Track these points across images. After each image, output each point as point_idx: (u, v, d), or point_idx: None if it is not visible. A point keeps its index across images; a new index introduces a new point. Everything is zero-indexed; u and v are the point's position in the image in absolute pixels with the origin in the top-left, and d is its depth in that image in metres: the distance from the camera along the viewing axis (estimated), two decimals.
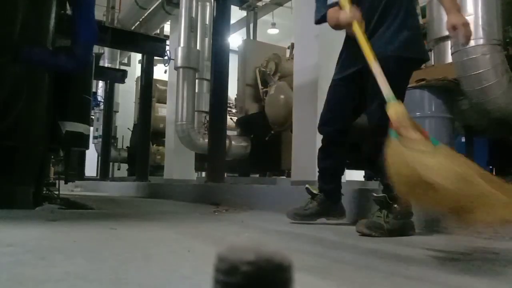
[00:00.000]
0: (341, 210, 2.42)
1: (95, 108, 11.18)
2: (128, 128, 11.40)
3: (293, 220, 2.38)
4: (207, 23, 7.15)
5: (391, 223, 1.96)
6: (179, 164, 7.27)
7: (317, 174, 2.47)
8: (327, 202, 2.36)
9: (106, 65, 10.45)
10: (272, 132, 6.64)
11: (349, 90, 2.25)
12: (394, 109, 1.58)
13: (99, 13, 8.38)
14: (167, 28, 9.22)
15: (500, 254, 1.53)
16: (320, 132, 2.36)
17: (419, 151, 1.32)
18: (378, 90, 1.79)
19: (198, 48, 7.07)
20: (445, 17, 4.08)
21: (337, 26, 2.15)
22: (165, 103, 8.64)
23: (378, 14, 2.10)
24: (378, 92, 1.79)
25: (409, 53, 2.07)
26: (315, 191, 2.40)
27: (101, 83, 11.25)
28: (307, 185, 2.47)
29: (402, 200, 1.97)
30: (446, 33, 3.88)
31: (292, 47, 6.93)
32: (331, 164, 2.36)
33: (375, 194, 2.11)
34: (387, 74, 1.84)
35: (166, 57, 7.48)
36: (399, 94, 1.93)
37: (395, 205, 2.00)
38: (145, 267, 1.08)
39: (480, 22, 3.12)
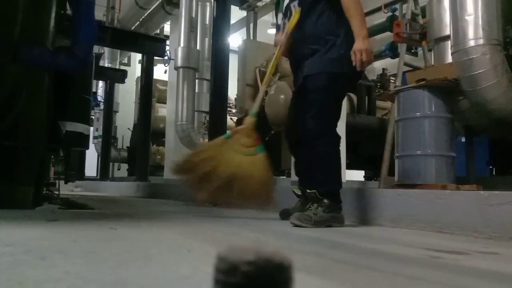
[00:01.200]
0: None
1: (95, 108, 11.18)
2: (128, 128, 11.40)
3: (281, 218, 2.59)
4: (207, 23, 7.16)
5: (319, 215, 2.20)
6: None
7: None
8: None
9: (106, 65, 10.46)
10: (272, 132, 6.64)
11: (300, 102, 2.48)
12: (245, 121, 2.25)
13: (99, 13, 8.37)
14: (167, 28, 9.22)
15: (500, 254, 1.53)
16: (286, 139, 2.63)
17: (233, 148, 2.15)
18: (307, 104, 2.28)
19: (198, 48, 7.07)
20: (445, 17, 4.08)
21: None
22: (165, 103, 8.64)
23: (311, 45, 2.35)
24: (308, 106, 2.27)
25: (336, 68, 2.29)
26: (298, 193, 2.61)
27: (101, 83, 11.25)
28: (293, 189, 2.72)
29: (333, 195, 2.30)
30: (446, 33, 3.89)
31: None
32: (301, 168, 2.56)
33: (308, 190, 2.33)
34: (317, 88, 2.28)
35: (166, 57, 7.48)
36: (328, 107, 2.33)
37: (325, 200, 2.24)
38: (145, 267, 1.08)
39: (480, 22, 3.12)
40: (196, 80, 6.97)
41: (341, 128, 3.68)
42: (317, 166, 2.33)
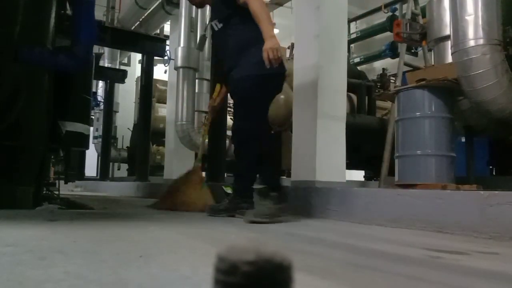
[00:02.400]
0: (250, 208, 2.69)
1: (95, 108, 11.18)
2: (128, 128, 11.39)
3: (208, 214, 2.75)
4: (207, 23, 7.15)
5: (272, 208, 2.38)
6: (179, 164, 7.26)
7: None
8: (236, 200, 2.72)
9: (106, 65, 10.45)
10: (272, 132, 6.63)
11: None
12: (193, 167, 3.20)
13: (99, 13, 8.36)
14: (167, 28, 9.20)
15: (500, 254, 1.53)
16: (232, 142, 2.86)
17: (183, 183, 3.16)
18: (238, 107, 2.64)
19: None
20: (445, 17, 4.08)
21: None
22: (165, 103, 8.62)
23: (234, 57, 2.58)
24: (239, 109, 2.62)
25: (258, 71, 2.45)
26: (228, 191, 2.85)
27: (101, 83, 11.24)
28: (223, 186, 3.05)
29: (279, 188, 2.54)
30: (446, 33, 3.89)
31: (292, 47, 6.92)
32: (240, 168, 2.78)
33: (256, 187, 2.51)
34: (245, 90, 2.51)
35: (166, 57, 7.47)
36: (257, 107, 2.56)
37: (273, 193, 2.43)
38: (145, 267, 1.08)
39: (480, 22, 3.12)
40: (196, 80, 6.97)
41: (341, 128, 3.68)
42: (264, 163, 2.55)
